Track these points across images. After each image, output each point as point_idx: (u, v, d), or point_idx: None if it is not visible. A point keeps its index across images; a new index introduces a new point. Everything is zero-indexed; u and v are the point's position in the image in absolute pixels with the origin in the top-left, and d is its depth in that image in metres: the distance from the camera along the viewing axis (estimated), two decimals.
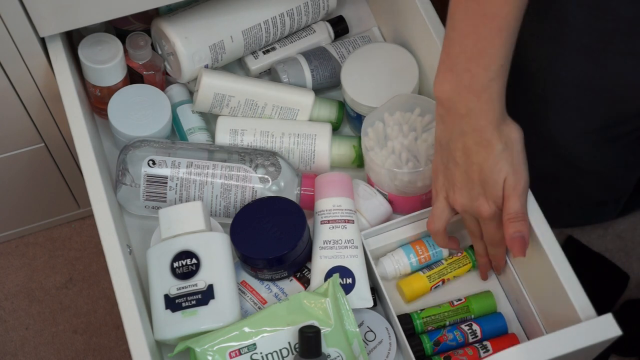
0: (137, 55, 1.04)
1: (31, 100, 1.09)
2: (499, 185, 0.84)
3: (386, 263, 0.97)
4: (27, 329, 1.42)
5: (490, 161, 0.83)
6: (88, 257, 1.47)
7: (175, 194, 0.97)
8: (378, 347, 0.93)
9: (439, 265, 0.98)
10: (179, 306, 0.88)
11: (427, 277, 0.97)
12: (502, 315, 0.96)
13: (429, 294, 0.98)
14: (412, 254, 0.97)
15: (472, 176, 0.84)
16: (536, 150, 1.15)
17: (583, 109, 1.06)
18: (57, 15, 0.94)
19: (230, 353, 0.87)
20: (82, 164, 0.92)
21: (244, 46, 1.07)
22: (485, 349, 0.92)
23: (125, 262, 0.87)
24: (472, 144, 0.83)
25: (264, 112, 1.04)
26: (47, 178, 1.29)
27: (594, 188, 1.24)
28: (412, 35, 1.04)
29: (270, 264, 0.92)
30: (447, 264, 0.97)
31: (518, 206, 0.85)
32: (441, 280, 0.97)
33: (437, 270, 0.97)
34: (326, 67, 1.09)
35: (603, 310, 0.83)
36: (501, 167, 0.83)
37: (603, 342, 0.82)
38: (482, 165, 0.83)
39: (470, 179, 0.85)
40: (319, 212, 0.95)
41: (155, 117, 1.02)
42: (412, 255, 0.97)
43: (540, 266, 0.88)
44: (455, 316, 0.95)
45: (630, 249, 1.48)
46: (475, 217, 0.88)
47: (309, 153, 1.03)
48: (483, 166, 0.83)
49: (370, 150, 0.97)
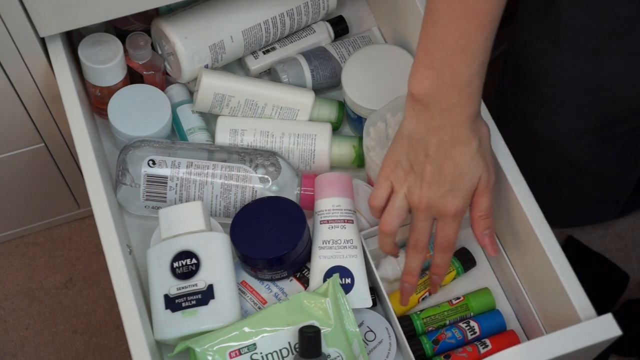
0: (137, 55, 1.04)
1: (31, 100, 1.09)
2: (474, 182, 0.83)
3: (386, 265, 0.97)
4: (27, 329, 1.42)
5: (467, 157, 0.82)
6: (88, 257, 1.47)
7: (175, 194, 0.97)
8: (378, 347, 0.94)
9: (423, 276, 0.97)
10: (179, 306, 0.88)
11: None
12: (499, 311, 0.96)
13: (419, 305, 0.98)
14: None
15: (445, 171, 0.83)
16: (536, 150, 1.15)
17: (582, 108, 1.06)
18: (57, 15, 0.94)
19: (230, 353, 0.87)
20: (82, 164, 0.92)
21: (244, 46, 1.07)
22: (484, 345, 0.93)
23: (125, 262, 0.87)
24: (449, 138, 0.82)
25: (264, 112, 1.04)
26: (47, 178, 1.29)
27: (593, 188, 1.24)
28: (412, 35, 1.04)
29: (270, 264, 0.93)
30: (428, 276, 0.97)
31: (488, 203, 0.85)
32: (427, 291, 0.97)
33: (422, 281, 0.97)
34: (326, 67, 1.09)
35: (603, 310, 0.83)
36: (477, 164, 0.83)
37: (603, 342, 0.82)
38: (458, 161, 0.82)
39: (443, 174, 0.83)
40: (318, 212, 0.95)
41: (155, 117, 1.02)
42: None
43: (540, 266, 0.88)
44: (455, 315, 0.96)
45: (630, 249, 1.48)
46: (437, 215, 0.85)
47: (309, 153, 1.03)
48: (459, 161, 0.82)
49: (372, 151, 0.97)
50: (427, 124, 0.82)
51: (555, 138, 1.12)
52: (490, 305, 0.97)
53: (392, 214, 0.86)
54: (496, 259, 0.98)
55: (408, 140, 0.84)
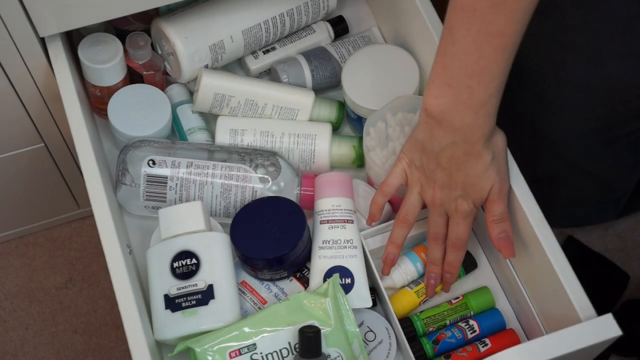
0: (137, 55, 1.04)
1: (31, 100, 1.09)
2: (485, 192, 0.85)
3: (394, 275, 0.97)
4: (27, 329, 1.42)
5: (479, 170, 0.84)
6: (88, 257, 1.47)
7: (175, 194, 0.97)
8: (378, 347, 0.93)
9: (421, 282, 0.97)
10: (179, 306, 0.88)
11: (414, 293, 0.96)
12: (498, 310, 0.96)
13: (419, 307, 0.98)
14: (419, 263, 0.97)
15: (456, 180, 0.85)
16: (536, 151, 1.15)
17: (582, 109, 1.06)
18: (57, 15, 0.94)
19: (230, 353, 0.87)
20: (82, 164, 0.92)
21: (244, 46, 1.07)
22: (484, 344, 0.93)
23: (125, 262, 0.87)
24: (462, 154, 0.83)
25: (264, 112, 1.04)
26: (47, 178, 1.29)
27: (594, 188, 1.24)
28: (412, 35, 1.04)
29: (270, 264, 0.92)
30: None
31: (502, 208, 0.87)
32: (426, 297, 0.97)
33: (421, 287, 0.97)
34: (326, 67, 1.09)
35: (603, 310, 0.83)
36: (489, 176, 0.84)
37: (603, 342, 0.82)
38: (469, 173, 0.84)
39: (454, 182, 0.85)
40: (318, 212, 0.95)
41: (155, 117, 1.02)
42: (420, 265, 0.97)
43: (540, 266, 0.88)
44: (454, 314, 0.96)
45: (630, 249, 1.48)
46: (449, 213, 0.88)
47: (309, 153, 1.03)
48: (470, 174, 0.84)
49: (372, 151, 0.97)
50: (439, 139, 0.83)
51: (556, 139, 1.12)
52: (490, 304, 0.97)
53: (408, 208, 0.90)
54: (496, 259, 0.98)
55: (421, 147, 0.86)
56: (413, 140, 0.87)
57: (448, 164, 0.84)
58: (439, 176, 0.85)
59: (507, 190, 0.87)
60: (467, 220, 0.88)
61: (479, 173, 0.84)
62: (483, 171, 0.84)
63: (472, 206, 0.86)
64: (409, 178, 0.90)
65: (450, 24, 0.78)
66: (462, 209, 0.87)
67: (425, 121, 0.84)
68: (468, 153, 0.82)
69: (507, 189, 0.87)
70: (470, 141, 0.82)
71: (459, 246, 0.90)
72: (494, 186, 0.85)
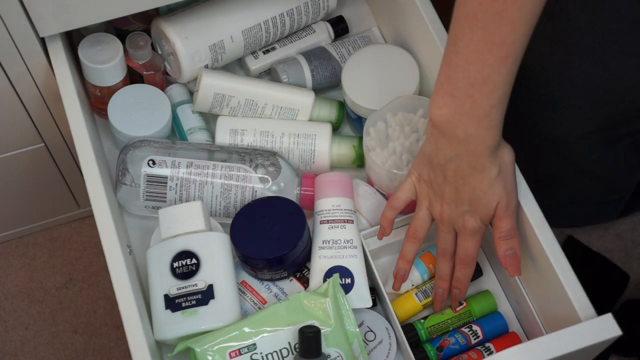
0: (137, 55, 1.04)
1: (31, 100, 1.09)
2: (491, 207, 0.84)
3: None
4: (27, 329, 1.42)
5: (485, 184, 0.83)
6: (88, 257, 1.47)
7: (175, 194, 0.97)
8: (378, 347, 0.93)
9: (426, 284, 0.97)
10: (179, 306, 0.88)
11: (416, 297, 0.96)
12: (500, 314, 0.96)
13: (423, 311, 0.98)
14: (426, 275, 0.97)
15: (462, 195, 0.84)
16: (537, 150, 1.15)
17: (585, 109, 1.06)
18: (57, 15, 0.94)
19: (230, 353, 0.87)
20: (82, 164, 0.92)
21: (244, 46, 1.07)
22: (489, 351, 0.92)
23: (125, 262, 0.87)
24: (467, 167, 0.82)
25: (264, 112, 1.04)
26: (47, 178, 1.28)
27: (594, 188, 1.24)
28: (412, 35, 1.04)
29: (270, 264, 0.92)
30: (431, 283, 0.97)
31: (510, 225, 0.86)
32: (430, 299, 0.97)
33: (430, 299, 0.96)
34: (326, 67, 1.09)
35: (603, 310, 0.83)
36: (495, 191, 0.83)
37: (603, 342, 0.82)
38: (474, 187, 0.83)
39: (460, 197, 0.84)
40: (318, 212, 0.95)
41: (155, 117, 1.02)
42: (426, 276, 0.97)
43: (540, 266, 0.88)
44: (458, 321, 0.95)
45: (630, 249, 1.48)
46: (457, 229, 0.88)
47: (309, 153, 1.03)
48: (476, 188, 0.83)
49: (372, 151, 0.97)
50: (444, 151, 0.83)
51: (558, 139, 1.11)
52: (492, 308, 0.97)
53: (418, 223, 0.90)
54: (496, 260, 0.98)
55: (428, 160, 0.86)
56: (421, 154, 0.87)
57: (454, 178, 0.83)
58: (446, 191, 0.85)
59: (514, 206, 0.86)
60: (475, 237, 0.87)
61: (485, 187, 0.83)
62: (489, 186, 0.83)
63: (479, 223, 0.85)
64: (418, 192, 0.89)
65: (454, 33, 0.78)
66: (470, 226, 0.86)
67: (431, 132, 0.83)
68: (473, 166, 0.82)
69: (514, 204, 0.86)
70: (474, 153, 0.81)
71: (468, 263, 0.89)
72: (501, 202, 0.84)
